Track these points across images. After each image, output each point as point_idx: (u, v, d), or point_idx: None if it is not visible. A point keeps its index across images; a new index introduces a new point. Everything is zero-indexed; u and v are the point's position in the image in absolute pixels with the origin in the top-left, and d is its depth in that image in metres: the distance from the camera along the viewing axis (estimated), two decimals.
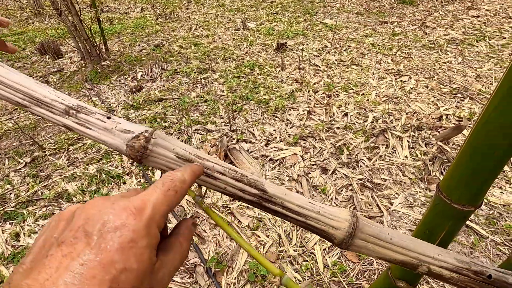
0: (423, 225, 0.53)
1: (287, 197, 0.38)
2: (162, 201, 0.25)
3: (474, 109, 2.33)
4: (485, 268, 0.39)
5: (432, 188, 1.66)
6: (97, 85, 2.91)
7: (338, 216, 0.39)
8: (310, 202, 0.39)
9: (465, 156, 0.43)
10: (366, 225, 0.39)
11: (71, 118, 0.39)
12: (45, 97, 0.41)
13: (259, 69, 3.09)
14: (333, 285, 1.26)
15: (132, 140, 0.36)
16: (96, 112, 0.39)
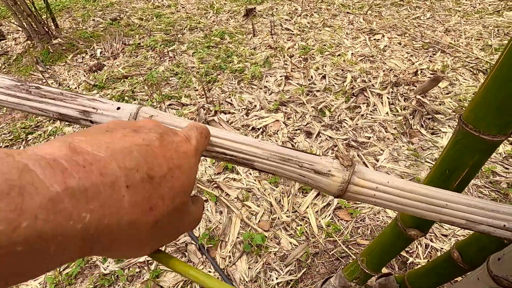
0: (442, 165, 0.48)
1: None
2: (200, 139, 0.28)
3: (447, 61, 2.36)
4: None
5: (415, 141, 1.67)
6: (51, 66, 2.61)
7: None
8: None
9: (497, 81, 0.37)
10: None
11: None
12: None
13: (229, 37, 2.91)
14: (328, 245, 1.25)
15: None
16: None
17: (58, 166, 0.16)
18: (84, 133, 0.21)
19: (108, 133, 0.21)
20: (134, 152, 0.20)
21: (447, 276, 0.71)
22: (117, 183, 0.18)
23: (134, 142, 0.21)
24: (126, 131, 0.22)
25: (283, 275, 1.16)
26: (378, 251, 0.73)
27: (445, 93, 2.00)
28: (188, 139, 0.26)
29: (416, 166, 1.54)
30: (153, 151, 0.21)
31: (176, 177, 0.22)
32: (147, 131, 0.23)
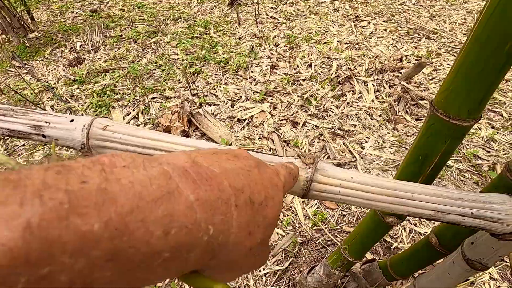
0: (415, 151, 0.47)
1: None
2: (288, 178, 0.28)
3: (431, 47, 2.36)
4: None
5: (400, 128, 1.68)
6: (28, 61, 2.51)
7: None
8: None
9: (465, 64, 0.36)
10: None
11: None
12: None
13: (214, 27, 2.85)
14: (315, 234, 1.26)
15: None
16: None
17: (189, 176, 0.17)
18: (196, 151, 0.21)
19: (215, 155, 0.21)
20: (240, 174, 0.20)
21: (427, 261, 0.72)
22: (230, 201, 0.18)
23: (238, 166, 0.21)
24: (229, 155, 0.22)
25: (270, 265, 1.16)
26: (359, 239, 0.73)
27: (429, 79, 2.01)
28: (278, 173, 0.26)
29: (401, 153, 1.56)
30: (254, 177, 0.21)
31: (270, 207, 0.22)
32: (245, 158, 0.23)
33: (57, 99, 2.03)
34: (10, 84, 2.25)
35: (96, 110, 1.89)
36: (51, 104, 2.00)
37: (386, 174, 1.46)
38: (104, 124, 0.34)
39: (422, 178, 0.49)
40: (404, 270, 0.80)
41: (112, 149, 0.35)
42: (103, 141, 0.34)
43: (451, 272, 0.57)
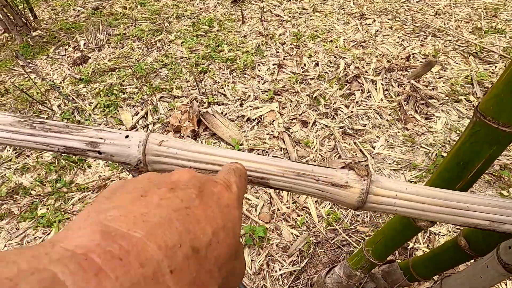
0: (456, 157, 0.47)
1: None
2: (240, 184, 0.25)
3: (438, 45, 2.36)
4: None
5: (410, 127, 1.68)
6: (32, 60, 2.49)
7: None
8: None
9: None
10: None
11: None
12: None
13: (218, 25, 2.83)
14: (330, 234, 1.26)
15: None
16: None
17: (91, 266, 0.13)
18: (117, 202, 0.18)
19: (143, 199, 0.18)
20: (175, 222, 0.17)
21: (453, 263, 0.72)
22: (160, 271, 0.15)
23: (172, 207, 0.18)
24: (162, 192, 0.19)
25: (286, 266, 1.16)
26: (384, 241, 0.73)
27: (437, 78, 2.01)
28: (229, 186, 0.23)
29: (412, 152, 1.56)
30: (195, 214, 0.18)
31: (222, 242, 0.19)
32: (184, 186, 0.20)
33: (64, 98, 2.01)
34: (14, 83, 2.23)
35: (104, 110, 1.88)
36: (58, 103, 1.99)
37: (397, 174, 1.46)
38: (159, 139, 0.34)
39: (461, 183, 0.49)
40: (427, 271, 0.80)
41: (168, 164, 0.34)
42: (159, 156, 0.34)
43: (484, 275, 0.57)
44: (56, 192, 1.47)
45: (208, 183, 0.22)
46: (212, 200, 0.20)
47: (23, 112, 1.97)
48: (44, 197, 1.47)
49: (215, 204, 0.20)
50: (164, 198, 0.18)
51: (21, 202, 1.45)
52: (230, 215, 0.20)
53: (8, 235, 1.34)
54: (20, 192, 1.49)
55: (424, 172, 1.44)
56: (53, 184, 1.52)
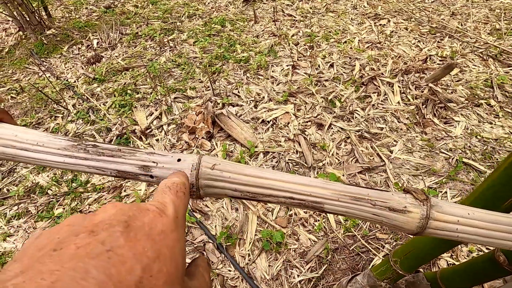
0: (503, 177, 0.45)
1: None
2: (178, 202, 0.24)
3: (456, 47, 2.31)
4: None
5: (428, 131, 1.65)
6: (46, 58, 2.50)
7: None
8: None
9: None
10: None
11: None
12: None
13: (230, 24, 2.81)
14: (348, 240, 1.24)
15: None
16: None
17: None
18: (25, 264, 0.16)
19: (56, 254, 0.16)
20: (92, 271, 0.15)
21: (487, 277, 0.69)
22: None
23: (90, 255, 0.16)
24: (80, 239, 0.17)
25: (305, 272, 1.15)
26: (416, 252, 0.71)
27: (456, 81, 1.97)
28: (162, 210, 0.22)
29: (431, 157, 1.53)
30: (118, 255, 0.17)
31: (157, 274, 0.17)
32: (107, 226, 0.18)
33: (78, 98, 2.02)
34: (30, 82, 2.25)
35: (118, 110, 1.88)
36: (73, 103, 1.99)
37: (417, 179, 1.43)
38: (211, 162, 0.34)
39: (507, 203, 0.47)
40: (457, 284, 0.78)
41: (220, 188, 0.34)
42: (212, 180, 0.33)
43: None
44: (72, 192, 1.48)
45: (138, 214, 0.20)
46: (142, 233, 0.19)
47: (38, 110, 1.98)
48: (61, 197, 1.47)
49: (145, 237, 0.19)
50: (81, 246, 0.17)
51: (38, 201, 1.46)
52: (165, 241, 0.19)
53: (25, 234, 1.35)
54: (37, 192, 1.50)
55: (445, 178, 1.41)
56: (69, 184, 1.52)
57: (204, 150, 1.62)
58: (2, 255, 1.27)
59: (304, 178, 0.35)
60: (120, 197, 1.44)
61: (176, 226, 0.21)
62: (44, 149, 0.34)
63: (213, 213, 1.35)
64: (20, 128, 0.35)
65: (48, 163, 0.34)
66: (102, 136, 1.75)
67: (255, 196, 0.34)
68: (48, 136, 0.34)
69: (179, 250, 0.20)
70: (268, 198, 0.34)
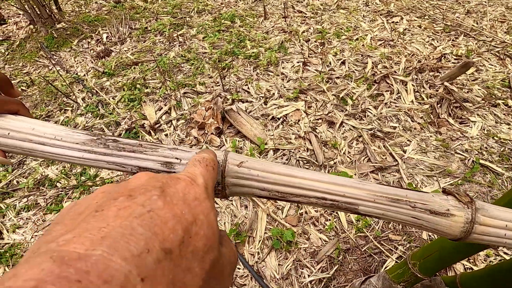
0: None
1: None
2: (207, 175, 0.24)
3: (471, 45, 2.25)
4: None
5: (443, 131, 1.61)
6: (56, 52, 2.50)
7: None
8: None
9: None
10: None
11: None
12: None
13: (240, 20, 2.78)
14: (360, 241, 1.21)
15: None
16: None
17: None
18: (69, 225, 0.16)
19: (98, 214, 0.17)
20: (138, 228, 0.16)
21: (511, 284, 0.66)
22: (129, 282, 0.14)
23: (134, 215, 0.17)
24: (119, 201, 0.18)
25: (315, 272, 1.12)
26: (438, 256, 0.68)
27: (471, 80, 1.91)
28: (193, 179, 0.22)
29: (446, 158, 1.48)
30: (159, 215, 0.17)
31: (195, 236, 0.18)
32: (144, 190, 0.19)
33: (88, 91, 2.02)
34: (40, 75, 2.25)
35: (128, 104, 1.87)
36: (82, 96, 1.99)
37: (431, 180, 1.39)
38: (238, 160, 0.31)
39: None
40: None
41: (248, 187, 0.31)
42: (239, 178, 0.31)
43: None
44: (81, 185, 1.47)
45: (170, 181, 0.21)
46: (177, 198, 0.19)
47: (48, 103, 1.98)
48: (69, 190, 1.47)
49: (181, 201, 0.19)
50: (122, 208, 0.17)
51: (47, 194, 1.46)
52: (200, 208, 0.20)
53: (34, 226, 1.35)
54: (46, 184, 1.50)
55: (460, 180, 1.37)
56: (77, 177, 1.52)
57: (213, 146, 1.60)
58: (12, 246, 1.28)
59: (337, 177, 0.32)
60: None
61: (207, 195, 0.22)
62: (62, 144, 0.32)
63: (222, 209, 1.33)
64: (37, 121, 0.33)
65: (66, 158, 0.32)
66: (111, 130, 1.74)
67: (285, 196, 0.32)
68: (66, 130, 0.33)
69: (213, 217, 0.21)
70: (298, 198, 0.32)
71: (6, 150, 0.33)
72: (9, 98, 0.33)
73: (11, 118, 0.32)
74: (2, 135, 0.32)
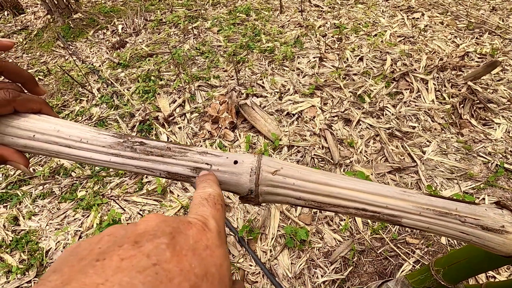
0: None
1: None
2: (217, 215, 0.22)
3: (496, 44, 2.16)
4: None
5: (465, 133, 1.55)
6: (72, 42, 2.52)
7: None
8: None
9: None
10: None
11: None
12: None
13: (255, 13, 2.74)
14: (375, 243, 1.18)
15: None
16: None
17: None
18: (65, 275, 0.15)
19: (99, 264, 0.15)
20: (139, 286, 0.14)
21: None
22: None
23: (137, 268, 0.15)
24: (124, 250, 0.16)
25: (329, 273, 1.10)
26: (465, 264, 0.65)
27: (496, 80, 1.83)
28: (205, 223, 0.21)
29: (467, 160, 1.43)
30: (166, 270, 0.16)
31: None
32: (152, 237, 0.17)
33: (103, 82, 2.02)
34: (57, 64, 2.27)
35: (142, 96, 1.87)
36: (97, 87, 2.00)
37: (451, 183, 1.34)
38: (273, 167, 0.29)
39: None
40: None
41: (283, 196, 0.29)
42: (274, 187, 0.29)
43: None
44: (95, 175, 1.48)
45: (181, 226, 0.19)
46: (188, 247, 0.18)
47: (64, 93, 2.00)
48: (84, 180, 1.48)
49: (191, 252, 0.18)
50: (126, 258, 0.16)
51: (62, 183, 1.47)
52: (212, 259, 0.18)
53: (49, 214, 1.36)
54: (61, 173, 1.51)
55: (482, 184, 1.32)
56: (92, 167, 1.53)
57: (226, 141, 1.59)
58: (28, 233, 1.29)
59: (381, 187, 0.30)
60: (142, 183, 1.43)
61: (221, 242, 0.20)
62: (89, 147, 0.30)
63: (235, 205, 1.32)
64: (62, 121, 0.32)
65: (94, 161, 0.31)
66: (125, 121, 1.74)
67: (321, 206, 0.29)
68: (91, 132, 0.31)
69: (226, 268, 0.19)
70: (336, 209, 0.30)
71: (32, 152, 0.32)
72: (32, 97, 0.32)
73: (35, 118, 0.31)
74: (27, 137, 0.30)
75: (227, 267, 0.19)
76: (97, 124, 1.76)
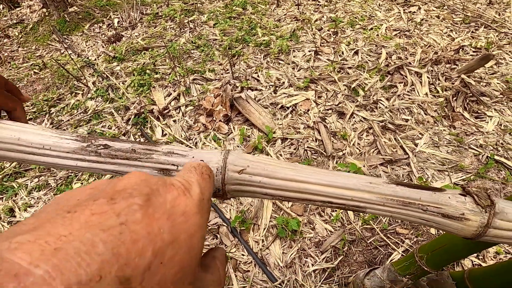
0: None
1: None
2: (203, 183, 0.22)
3: (492, 38, 2.16)
4: None
5: (457, 125, 1.56)
6: (68, 36, 2.51)
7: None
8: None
9: None
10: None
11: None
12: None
13: (251, 7, 2.73)
14: (366, 233, 1.20)
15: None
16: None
17: None
18: (42, 218, 0.15)
19: (69, 216, 0.15)
20: (99, 246, 0.14)
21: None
22: None
23: (102, 226, 0.14)
24: (97, 205, 0.16)
25: (319, 262, 1.12)
26: (446, 250, 0.66)
27: (490, 73, 1.84)
28: (187, 188, 0.20)
29: (459, 153, 1.44)
30: (131, 231, 0.15)
31: (169, 261, 0.15)
32: (128, 195, 0.17)
33: (98, 75, 2.02)
34: (52, 58, 2.27)
35: (137, 89, 1.87)
36: (93, 80, 2.00)
37: (442, 175, 1.36)
38: (239, 166, 0.30)
39: None
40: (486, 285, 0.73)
41: (250, 192, 0.30)
42: (240, 185, 0.30)
43: None
44: None
45: (160, 187, 0.18)
46: (163, 210, 0.17)
47: (59, 86, 2.00)
48: (79, 172, 1.49)
49: (165, 216, 0.17)
50: (96, 214, 0.15)
51: (57, 175, 1.49)
52: (185, 225, 0.17)
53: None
54: None
55: (473, 175, 1.34)
56: None
57: (221, 134, 1.60)
58: None
59: (348, 180, 0.30)
60: None
61: (200, 210, 0.19)
62: (52, 153, 0.30)
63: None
64: (23, 127, 0.31)
65: (61, 166, 0.31)
66: (120, 114, 1.75)
67: (289, 200, 0.31)
68: (53, 137, 0.31)
69: (198, 239, 0.18)
70: (303, 202, 0.31)
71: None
72: (9, 95, 0.33)
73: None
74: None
75: (199, 237, 0.18)
76: (92, 117, 1.76)
